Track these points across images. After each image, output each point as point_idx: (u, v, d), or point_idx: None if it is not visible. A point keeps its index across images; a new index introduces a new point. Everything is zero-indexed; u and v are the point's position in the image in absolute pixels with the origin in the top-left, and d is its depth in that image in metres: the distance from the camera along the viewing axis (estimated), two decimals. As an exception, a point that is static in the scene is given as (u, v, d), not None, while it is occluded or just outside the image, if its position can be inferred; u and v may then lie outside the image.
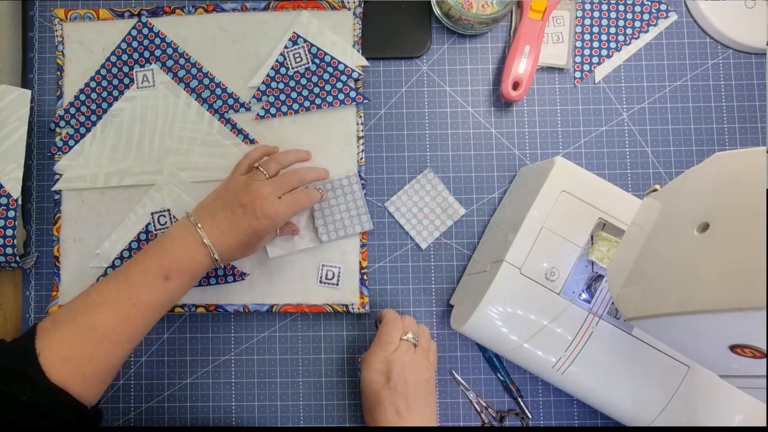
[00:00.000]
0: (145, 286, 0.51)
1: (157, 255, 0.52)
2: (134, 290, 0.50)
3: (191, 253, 0.52)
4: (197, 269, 0.53)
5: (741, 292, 0.33)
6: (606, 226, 0.58)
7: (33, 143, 0.69)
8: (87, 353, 0.47)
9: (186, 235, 0.53)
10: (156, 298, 0.51)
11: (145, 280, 0.51)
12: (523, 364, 0.59)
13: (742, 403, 0.55)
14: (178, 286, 0.52)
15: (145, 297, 0.50)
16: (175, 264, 0.52)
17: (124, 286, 0.51)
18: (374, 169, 0.68)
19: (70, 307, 0.50)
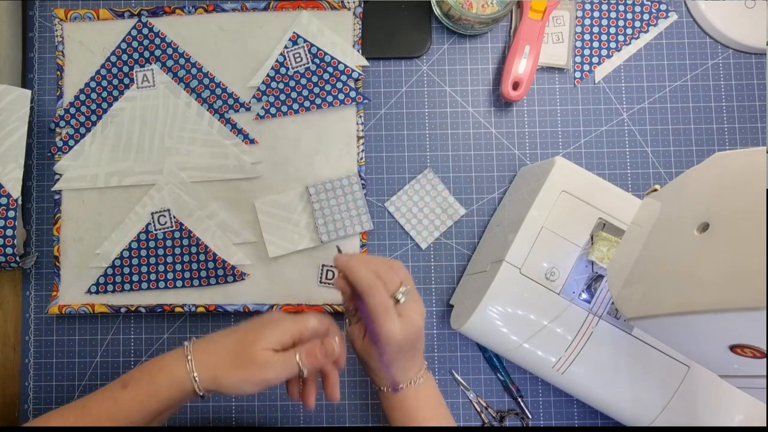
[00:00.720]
0: (99, 395, 0.48)
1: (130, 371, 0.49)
2: (91, 397, 0.48)
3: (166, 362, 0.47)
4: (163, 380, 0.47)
5: (741, 292, 0.33)
6: (606, 226, 0.58)
7: (33, 143, 0.69)
8: None
9: (176, 352, 0.48)
10: (106, 410, 0.46)
11: (102, 389, 0.48)
12: (523, 364, 0.59)
13: (742, 403, 0.55)
14: (131, 398, 0.46)
15: (94, 406, 0.47)
16: (139, 372, 0.48)
17: (86, 397, 0.48)
18: (374, 169, 0.68)
19: None
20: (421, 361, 0.54)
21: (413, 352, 0.52)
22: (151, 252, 0.66)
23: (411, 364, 0.53)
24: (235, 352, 0.47)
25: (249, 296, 0.66)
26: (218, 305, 0.66)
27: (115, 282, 0.66)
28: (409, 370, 0.53)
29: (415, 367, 0.53)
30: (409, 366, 0.53)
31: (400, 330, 0.49)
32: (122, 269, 0.66)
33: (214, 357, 0.47)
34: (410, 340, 0.50)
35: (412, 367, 0.53)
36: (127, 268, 0.66)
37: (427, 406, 0.54)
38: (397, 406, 0.53)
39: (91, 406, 0.47)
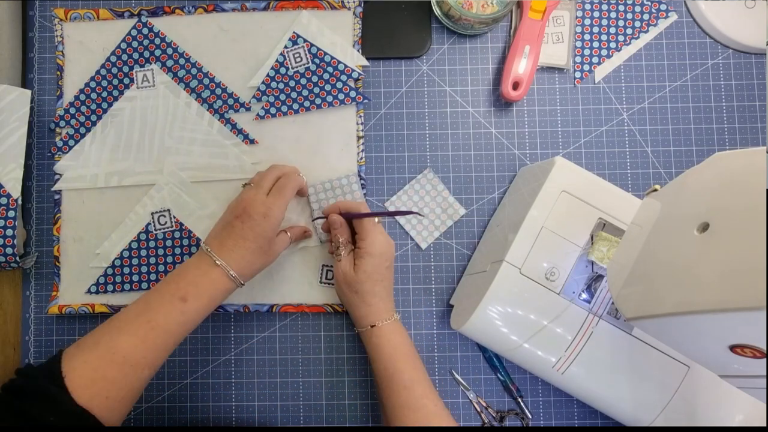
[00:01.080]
0: (162, 309, 0.52)
1: (173, 279, 0.54)
2: (152, 313, 0.52)
3: (206, 275, 0.54)
4: (215, 291, 0.55)
5: (741, 292, 0.33)
6: (606, 226, 0.58)
7: (33, 143, 0.69)
8: (109, 376, 0.49)
9: (199, 260, 0.55)
10: (174, 320, 0.52)
11: (162, 302, 0.52)
12: (523, 364, 0.59)
13: (742, 403, 0.55)
14: (196, 309, 0.53)
15: (163, 319, 0.52)
16: (191, 286, 0.53)
17: (144, 310, 0.52)
18: (374, 169, 0.68)
19: (94, 333, 0.52)
20: (391, 301, 0.62)
21: (389, 279, 0.61)
22: (151, 252, 0.66)
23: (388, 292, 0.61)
24: (261, 254, 0.57)
25: (249, 296, 0.66)
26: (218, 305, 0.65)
27: (115, 282, 0.66)
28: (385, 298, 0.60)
29: (389, 301, 0.61)
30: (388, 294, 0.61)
31: (385, 240, 0.60)
32: (122, 269, 0.66)
33: (246, 265, 0.56)
34: (390, 255, 0.61)
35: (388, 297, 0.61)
36: (127, 268, 0.66)
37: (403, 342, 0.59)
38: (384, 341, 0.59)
39: (157, 320, 0.51)
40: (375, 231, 0.61)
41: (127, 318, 0.52)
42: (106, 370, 0.49)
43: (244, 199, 0.57)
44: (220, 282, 0.55)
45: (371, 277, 0.59)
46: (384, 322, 0.59)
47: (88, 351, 0.50)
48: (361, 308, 0.60)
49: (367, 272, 0.59)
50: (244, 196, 0.58)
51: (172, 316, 0.52)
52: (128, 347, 0.50)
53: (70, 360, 0.49)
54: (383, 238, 0.61)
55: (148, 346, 0.51)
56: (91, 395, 0.47)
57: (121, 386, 0.50)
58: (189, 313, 0.53)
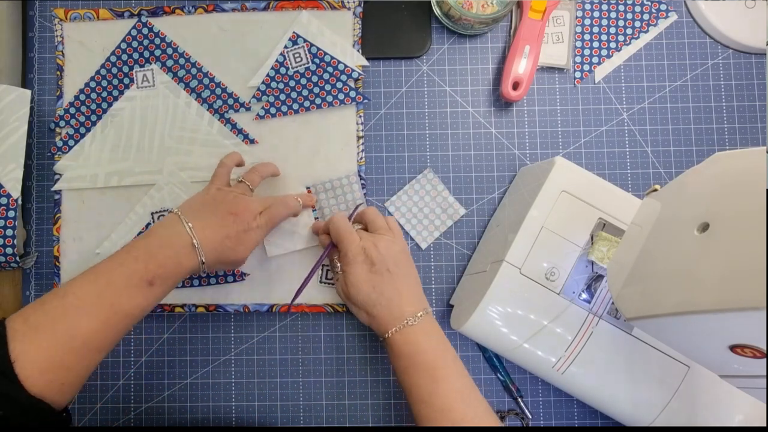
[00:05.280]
0: (127, 291, 0.48)
1: (143, 258, 0.49)
2: (116, 296, 0.48)
3: (179, 257, 0.51)
4: (181, 275, 0.51)
5: (741, 292, 0.33)
6: (606, 226, 0.58)
7: (33, 143, 0.69)
8: (66, 363, 0.45)
9: (174, 236, 0.51)
10: (138, 305, 0.49)
11: (127, 285, 0.48)
12: (523, 364, 0.59)
13: (742, 403, 0.55)
14: (159, 294, 0.50)
15: (126, 304, 0.48)
16: (161, 269, 0.49)
17: (107, 291, 0.47)
18: (374, 169, 0.68)
19: (46, 308, 0.46)
20: (406, 301, 0.56)
21: (385, 282, 0.56)
22: (151, 252, 0.66)
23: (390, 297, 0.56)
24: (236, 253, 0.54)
25: (249, 296, 0.66)
26: (218, 305, 0.66)
27: (115, 282, 0.66)
28: (390, 305, 0.56)
29: (397, 305, 0.56)
30: (389, 299, 0.56)
31: (361, 243, 0.57)
32: (122, 269, 0.66)
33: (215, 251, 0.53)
34: (374, 255, 0.57)
35: (393, 302, 0.56)
36: (127, 268, 0.66)
37: (426, 350, 0.54)
38: (396, 352, 0.55)
39: (122, 303, 0.48)
40: (349, 237, 0.58)
41: (87, 297, 0.47)
42: (62, 356, 0.45)
43: (244, 204, 0.55)
44: (188, 267, 0.51)
45: (360, 288, 0.57)
46: (393, 332, 0.55)
47: (41, 333, 0.44)
48: (370, 322, 0.58)
49: (353, 284, 0.57)
50: (245, 202, 0.56)
51: (137, 300, 0.48)
52: (89, 332, 0.46)
53: (20, 342, 0.43)
54: (356, 243, 0.57)
55: (109, 331, 0.47)
56: (46, 383, 0.43)
57: (78, 372, 0.46)
58: (151, 298, 0.49)
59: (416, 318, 0.55)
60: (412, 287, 0.59)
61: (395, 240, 0.59)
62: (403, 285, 0.57)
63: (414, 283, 0.59)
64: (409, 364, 0.54)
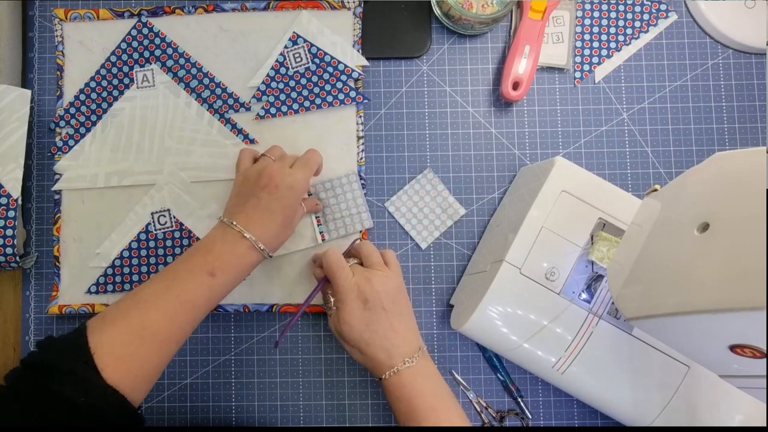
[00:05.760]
0: (191, 283, 0.50)
1: (200, 253, 0.52)
2: (180, 288, 0.50)
3: (234, 249, 0.53)
4: (243, 265, 0.53)
5: (741, 292, 0.33)
6: (606, 226, 0.58)
7: (33, 143, 0.69)
8: (138, 353, 0.47)
9: (224, 233, 0.54)
10: (203, 295, 0.51)
11: (190, 277, 0.51)
12: (523, 364, 0.59)
13: (742, 403, 0.55)
14: (223, 283, 0.52)
15: (191, 294, 0.50)
16: (218, 261, 0.52)
17: (172, 284, 0.50)
18: (374, 169, 0.68)
19: (120, 306, 0.49)
20: (403, 340, 0.55)
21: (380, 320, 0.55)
22: (151, 252, 0.66)
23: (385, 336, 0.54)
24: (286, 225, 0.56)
25: (249, 296, 0.66)
26: (218, 305, 0.65)
27: (115, 282, 0.66)
28: (385, 345, 0.54)
29: (393, 345, 0.54)
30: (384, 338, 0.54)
31: (354, 280, 0.56)
32: (122, 269, 0.66)
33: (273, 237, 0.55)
34: (367, 292, 0.55)
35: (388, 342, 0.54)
36: (127, 268, 0.66)
37: (425, 392, 0.53)
38: (395, 395, 0.54)
39: (186, 294, 0.50)
40: (341, 273, 0.56)
41: (155, 292, 0.50)
42: (135, 347, 0.47)
43: (268, 171, 0.55)
44: (248, 255, 0.53)
45: (353, 327, 0.55)
46: (389, 374, 0.54)
47: (116, 326, 0.47)
48: (364, 361, 0.56)
49: (346, 322, 0.55)
50: (268, 169, 0.56)
51: (201, 291, 0.51)
52: (158, 323, 0.48)
53: (98, 335, 0.46)
54: (349, 280, 0.56)
55: (177, 322, 0.49)
56: (121, 373, 0.45)
57: (150, 363, 0.48)
58: (216, 287, 0.51)
59: (413, 359, 0.54)
60: (408, 325, 0.57)
61: (390, 276, 0.57)
62: (399, 323, 0.56)
63: (410, 321, 0.58)
64: (409, 408, 0.53)
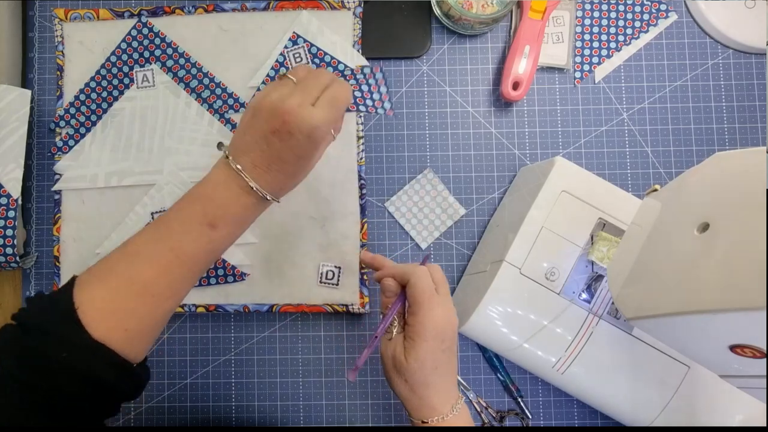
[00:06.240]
0: (188, 236, 0.45)
1: (199, 201, 0.46)
2: (176, 240, 0.45)
3: (238, 198, 0.46)
4: (248, 214, 0.48)
5: (741, 292, 0.33)
6: (606, 226, 0.58)
7: (33, 143, 0.69)
8: (128, 307, 0.44)
9: (227, 178, 0.47)
10: (203, 249, 0.46)
11: (188, 229, 0.45)
12: (523, 364, 0.59)
13: (742, 403, 0.55)
14: (225, 235, 0.47)
15: (189, 247, 0.45)
16: (221, 210, 0.46)
17: (165, 236, 0.45)
18: (374, 169, 0.68)
19: (108, 259, 0.45)
20: (455, 385, 0.50)
21: (448, 362, 0.49)
22: (151, 252, 0.66)
23: (446, 380, 0.49)
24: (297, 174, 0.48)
25: (249, 296, 0.66)
26: (218, 305, 0.66)
27: (115, 282, 0.66)
28: (443, 389, 0.49)
29: (448, 390, 0.49)
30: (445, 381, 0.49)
31: (442, 316, 0.48)
32: (122, 269, 0.66)
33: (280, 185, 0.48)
34: (449, 335, 0.49)
35: (446, 386, 0.49)
36: (127, 268, 0.66)
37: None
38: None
39: (183, 248, 0.45)
40: (431, 303, 0.48)
41: (145, 242, 0.46)
42: (123, 301, 0.43)
43: (283, 106, 0.44)
44: (253, 206, 0.47)
45: (424, 366, 0.48)
46: (438, 418, 0.48)
47: (103, 280, 0.44)
48: (412, 400, 0.49)
49: (419, 359, 0.47)
50: (282, 108, 0.44)
51: (200, 244, 0.45)
52: (149, 277, 0.44)
53: (83, 290, 0.43)
54: (441, 312, 0.48)
55: (171, 276, 0.45)
56: (108, 327, 0.42)
57: (142, 317, 0.44)
58: (218, 240, 0.46)
59: (457, 407, 0.49)
60: (456, 371, 0.51)
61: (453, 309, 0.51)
62: (456, 364, 0.51)
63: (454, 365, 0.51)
64: None
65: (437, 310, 0.48)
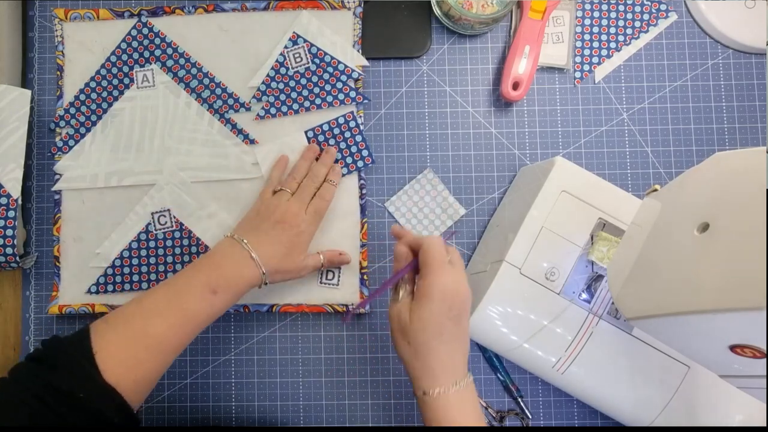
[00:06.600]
0: (193, 298, 0.52)
1: (206, 269, 0.54)
2: (184, 302, 0.52)
3: (239, 269, 0.55)
4: (243, 285, 0.55)
5: (741, 292, 0.33)
6: (606, 226, 0.58)
7: (33, 143, 0.69)
8: (139, 357, 0.49)
9: (233, 251, 0.56)
10: (204, 311, 0.53)
11: (193, 292, 0.53)
12: (523, 364, 0.59)
13: (742, 403, 0.55)
14: (222, 301, 0.54)
15: (194, 308, 0.52)
16: (223, 279, 0.54)
17: (175, 297, 0.52)
18: (374, 169, 0.68)
19: (124, 311, 0.51)
20: (462, 363, 0.50)
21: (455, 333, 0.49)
22: (151, 252, 0.66)
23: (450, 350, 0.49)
24: (287, 256, 0.58)
25: (249, 296, 0.66)
26: (218, 305, 0.66)
27: (115, 282, 0.66)
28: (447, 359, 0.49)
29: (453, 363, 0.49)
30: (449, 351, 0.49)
31: (452, 282, 0.48)
32: (122, 269, 0.66)
33: (273, 260, 0.57)
34: (457, 303, 0.48)
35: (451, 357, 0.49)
36: (127, 268, 0.66)
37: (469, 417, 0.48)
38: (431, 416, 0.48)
39: (188, 308, 0.52)
40: (440, 271, 0.49)
41: (159, 302, 0.52)
42: (136, 351, 0.49)
43: (282, 209, 0.59)
44: (250, 278, 0.55)
45: (427, 328, 0.48)
46: (440, 390, 0.48)
47: (119, 330, 0.50)
48: (414, 365, 0.49)
49: (422, 319, 0.48)
50: (286, 207, 0.59)
51: (202, 306, 0.53)
52: (161, 332, 0.50)
53: (101, 336, 0.49)
54: (451, 278, 0.49)
55: (178, 332, 0.51)
56: (120, 375, 0.47)
57: (149, 368, 0.50)
58: (217, 305, 0.53)
59: (461, 383, 0.49)
60: (466, 348, 0.51)
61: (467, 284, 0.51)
62: (465, 343, 0.50)
63: (468, 344, 0.51)
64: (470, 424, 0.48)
65: (447, 276, 0.49)
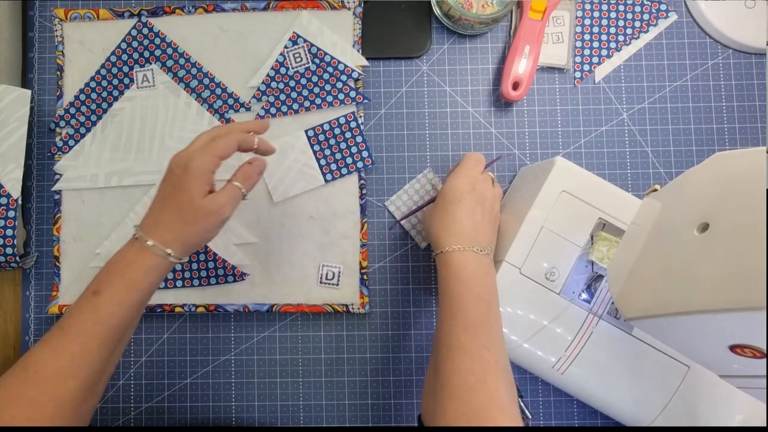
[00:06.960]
0: (74, 309, 0.46)
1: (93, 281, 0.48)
2: (65, 318, 0.46)
3: (122, 256, 0.47)
4: (140, 275, 0.47)
5: (741, 292, 0.33)
6: (606, 226, 0.58)
7: (33, 143, 0.69)
8: (27, 395, 0.43)
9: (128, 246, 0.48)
10: (87, 318, 0.45)
11: (76, 304, 0.47)
12: (523, 364, 0.59)
13: (742, 403, 0.55)
14: (109, 298, 0.46)
15: (75, 321, 0.46)
16: (104, 275, 0.47)
17: (62, 317, 0.47)
18: (374, 169, 0.68)
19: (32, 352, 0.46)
20: (487, 238, 0.56)
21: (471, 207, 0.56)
22: (151, 252, 0.66)
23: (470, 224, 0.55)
24: (183, 214, 0.47)
25: (249, 296, 0.66)
26: (218, 305, 0.66)
27: (115, 282, 0.66)
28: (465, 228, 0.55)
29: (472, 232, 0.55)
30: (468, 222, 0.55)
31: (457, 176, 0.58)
32: (122, 269, 0.66)
33: (168, 230, 0.47)
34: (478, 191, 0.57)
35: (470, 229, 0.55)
36: (127, 268, 0.66)
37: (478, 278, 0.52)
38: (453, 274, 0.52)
39: (70, 325, 0.45)
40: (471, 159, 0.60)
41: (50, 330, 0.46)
42: (21, 389, 0.43)
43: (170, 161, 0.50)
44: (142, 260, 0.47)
45: (455, 188, 0.56)
46: (457, 247, 0.53)
47: (8, 370, 0.45)
48: (437, 225, 0.56)
49: (450, 185, 0.57)
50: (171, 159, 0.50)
51: (84, 314, 0.46)
52: (39, 360, 0.44)
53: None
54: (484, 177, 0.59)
55: (62, 356, 0.44)
56: (10, 417, 0.42)
57: (42, 404, 0.43)
58: (104, 306, 0.45)
59: (488, 249, 0.55)
60: (492, 230, 0.58)
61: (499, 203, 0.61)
62: (489, 222, 0.58)
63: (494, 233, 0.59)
64: (464, 287, 0.51)
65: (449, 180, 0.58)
